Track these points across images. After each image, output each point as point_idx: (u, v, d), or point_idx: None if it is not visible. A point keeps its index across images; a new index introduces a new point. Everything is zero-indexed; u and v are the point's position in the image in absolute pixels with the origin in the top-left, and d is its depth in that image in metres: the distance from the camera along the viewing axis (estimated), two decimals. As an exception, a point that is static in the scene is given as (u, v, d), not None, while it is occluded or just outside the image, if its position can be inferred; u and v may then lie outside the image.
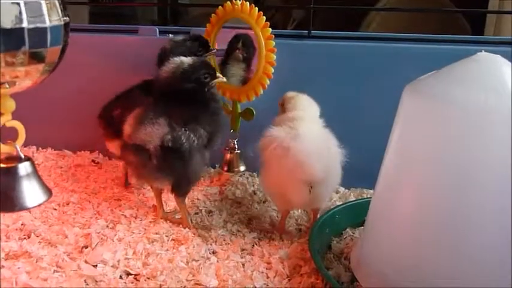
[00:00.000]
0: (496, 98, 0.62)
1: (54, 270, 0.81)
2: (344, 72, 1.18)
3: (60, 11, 0.69)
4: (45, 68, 0.69)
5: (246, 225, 1.03)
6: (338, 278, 0.82)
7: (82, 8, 1.93)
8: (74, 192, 1.12)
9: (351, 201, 1.05)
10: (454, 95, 0.65)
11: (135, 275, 0.82)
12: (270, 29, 1.09)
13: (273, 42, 1.09)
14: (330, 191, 1.02)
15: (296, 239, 0.96)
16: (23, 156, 0.73)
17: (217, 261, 0.86)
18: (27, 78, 0.69)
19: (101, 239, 0.91)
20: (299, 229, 1.03)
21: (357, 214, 0.96)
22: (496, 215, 0.63)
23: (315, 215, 1.00)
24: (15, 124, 0.72)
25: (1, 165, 0.72)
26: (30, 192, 0.73)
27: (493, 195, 0.63)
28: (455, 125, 0.65)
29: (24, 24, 0.64)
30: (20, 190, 0.72)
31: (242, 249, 0.92)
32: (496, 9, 1.74)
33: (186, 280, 0.81)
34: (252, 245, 0.94)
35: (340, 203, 1.07)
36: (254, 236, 0.98)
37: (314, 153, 0.88)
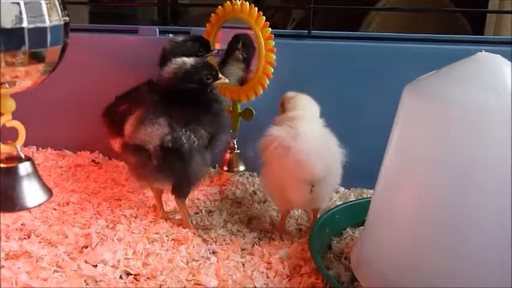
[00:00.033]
0: (496, 97, 0.62)
1: (54, 270, 0.81)
2: (344, 72, 1.18)
3: (60, 11, 0.69)
4: (45, 68, 0.69)
5: (246, 225, 1.03)
6: (338, 277, 0.82)
7: (82, 8, 1.93)
8: (74, 192, 1.12)
9: (351, 201, 1.05)
10: (454, 94, 0.65)
11: (135, 275, 0.82)
12: (269, 29, 1.09)
13: (273, 42, 1.09)
14: (330, 191, 1.01)
15: (296, 239, 0.96)
16: (23, 156, 0.73)
17: (217, 261, 0.87)
18: (27, 78, 0.69)
19: (101, 239, 0.91)
20: (299, 229, 1.03)
21: (357, 214, 0.96)
22: (496, 215, 0.63)
23: (315, 215, 1.00)
24: (15, 124, 0.72)
25: (1, 165, 0.71)
26: (31, 192, 0.73)
27: (493, 195, 0.63)
28: (455, 125, 0.65)
29: (24, 24, 0.63)
30: (20, 190, 0.72)
31: (242, 249, 0.92)
32: (496, 9, 1.74)
33: (186, 280, 0.81)
34: (252, 245, 0.94)
35: (340, 202, 1.07)
36: (254, 235, 0.98)
37: (314, 152, 0.88)
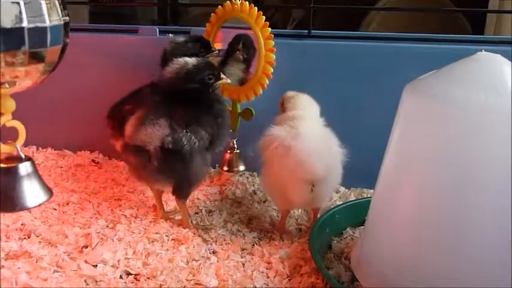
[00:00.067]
0: (496, 97, 0.62)
1: (54, 270, 0.81)
2: (344, 72, 1.17)
3: (60, 11, 0.69)
4: (45, 67, 0.69)
5: (246, 225, 1.03)
6: (338, 277, 0.82)
7: (82, 7, 1.94)
8: (74, 192, 1.12)
9: (351, 201, 1.05)
10: (454, 94, 0.65)
11: (135, 274, 0.82)
12: (269, 29, 1.09)
13: (273, 42, 1.09)
14: (330, 191, 1.01)
15: (296, 239, 0.96)
16: (23, 156, 0.73)
17: (218, 261, 0.86)
18: (27, 78, 0.69)
19: (101, 238, 0.91)
20: (299, 229, 1.03)
21: (357, 214, 0.96)
22: (496, 215, 0.63)
23: (315, 215, 1.00)
24: (16, 124, 0.72)
25: (1, 165, 0.71)
26: (31, 192, 0.73)
27: (493, 195, 0.63)
28: (456, 125, 0.65)
29: (24, 24, 0.63)
30: (20, 190, 0.72)
31: (242, 249, 0.92)
32: (496, 8, 1.74)
33: (186, 280, 0.81)
34: (252, 245, 0.94)
35: (341, 202, 1.07)
36: (254, 235, 0.98)
37: (315, 152, 0.88)
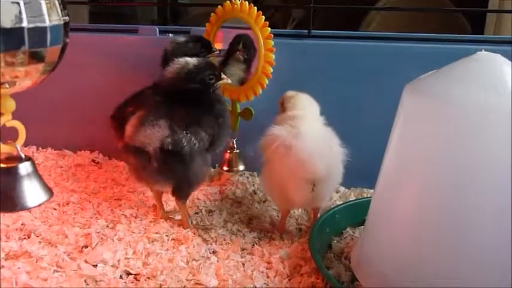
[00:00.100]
0: (496, 97, 0.62)
1: (54, 270, 0.81)
2: (344, 72, 1.17)
3: (60, 11, 0.69)
4: (45, 67, 0.69)
5: (246, 224, 1.03)
6: (338, 277, 0.82)
7: (82, 7, 1.94)
8: (74, 192, 1.12)
9: (351, 201, 1.05)
10: (454, 94, 0.65)
11: (135, 274, 0.82)
12: (269, 29, 1.09)
13: (272, 42, 1.09)
14: (331, 190, 1.02)
15: (296, 239, 0.96)
16: (23, 156, 0.73)
17: (218, 261, 0.86)
18: (27, 78, 0.69)
19: (101, 238, 0.91)
20: (299, 229, 1.03)
21: (357, 213, 0.96)
22: (496, 215, 0.63)
23: (316, 214, 1.00)
24: (16, 124, 0.72)
25: (1, 165, 0.71)
26: (31, 192, 0.73)
27: (493, 195, 0.63)
28: (455, 125, 0.65)
29: (24, 24, 0.64)
30: (20, 190, 0.72)
31: (242, 249, 0.92)
32: (496, 8, 1.74)
33: (186, 280, 0.81)
34: (252, 245, 0.94)
35: (341, 202, 1.07)
36: (254, 235, 0.98)
37: (316, 151, 0.88)
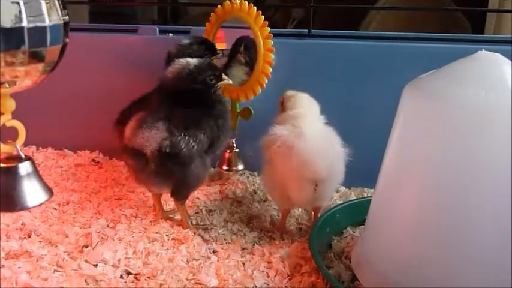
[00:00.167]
0: (496, 96, 0.62)
1: (54, 270, 0.81)
2: (344, 72, 1.17)
3: (59, 10, 0.69)
4: (44, 67, 0.69)
5: (246, 224, 1.03)
6: (338, 277, 0.82)
7: (82, 7, 1.94)
8: (74, 192, 1.12)
9: (352, 200, 1.05)
10: (454, 93, 0.64)
11: (136, 274, 0.82)
12: (268, 28, 1.09)
13: (271, 42, 1.09)
14: (333, 190, 1.02)
15: (296, 238, 0.96)
16: (23, 155, 0.73)
17: (218, 261, 0.87)
18: (27, 78, 0.69)
19: (101, 238, 0.91)
20: (299, 228, 1.03)
21: (358, 213, 0.96)
22: (496, 215, 0.63)
23: (317, 214, 1.00)
24: (16, 124, 0.72)
25: (1, 165, 0.72)
26: (31, 192, 0.73)
27: (493, 195, 0.63)
28: (455, 124, 0.65)
29: (24, 24, 0.64)
30: (20, 190, 0.72)
31: (242, 249, 0.92)
32: (496, 8, 1.74)
33: (187, 279, 0.81)
34: (253, 244, 0.94)
35: (341, 202, 1.07)
36: (254, 235, 0.98)
37: (318, 151, 0.88)
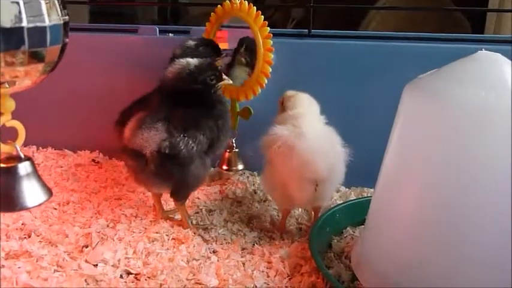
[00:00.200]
0: (496, 96, 0.62)
1: (54, 270, 0.81)
2: (344, 71, 1.17)
3: (59, 10, 0.69)
4: (44, 67, 0.69)
5: (246, 224, 1.03)
6: (338, 277, 0.82)
7: (82, 7, 1.94)
8: (74, 192, 1.12)
9: (352, 200, 1.05)
10: (454, 93, 0.64)
11: (136, 274, 0.82)
12: (268, 28, 1.09)
13: (271, 41, 1.09)
14: (333, 189, 1.02)
15: (297, 238, 0.96)
16: (23, 156, 0.73)
17: (218, 261, 0.87)
18: (27, 78, 0.69)
19: (101, 238, 0.91)
20: (299, 228, 1.03)
21: (358, 213, 0.96)
22: (496, 215, 0.63)
23: (316, 213, 1.00)
24: (15, 124, 0.72)
25: (1, 165, 0.71)
26: (31, 192, 0.73)
27: (493, 195, 0.63)
28: (455, 124, 0.64)
29: (24, 24, 0.63)
30: (20, 190, 0.72)
31: (242, 249, 0.92)
32: (496, 7, 1.74)
33: (187, 279, 0.81)
34: (253, 244, 0.94)
35: (341, 201, 1.07)
36: (254, 235, 0.98)
37: (319, 151, 0.88)
